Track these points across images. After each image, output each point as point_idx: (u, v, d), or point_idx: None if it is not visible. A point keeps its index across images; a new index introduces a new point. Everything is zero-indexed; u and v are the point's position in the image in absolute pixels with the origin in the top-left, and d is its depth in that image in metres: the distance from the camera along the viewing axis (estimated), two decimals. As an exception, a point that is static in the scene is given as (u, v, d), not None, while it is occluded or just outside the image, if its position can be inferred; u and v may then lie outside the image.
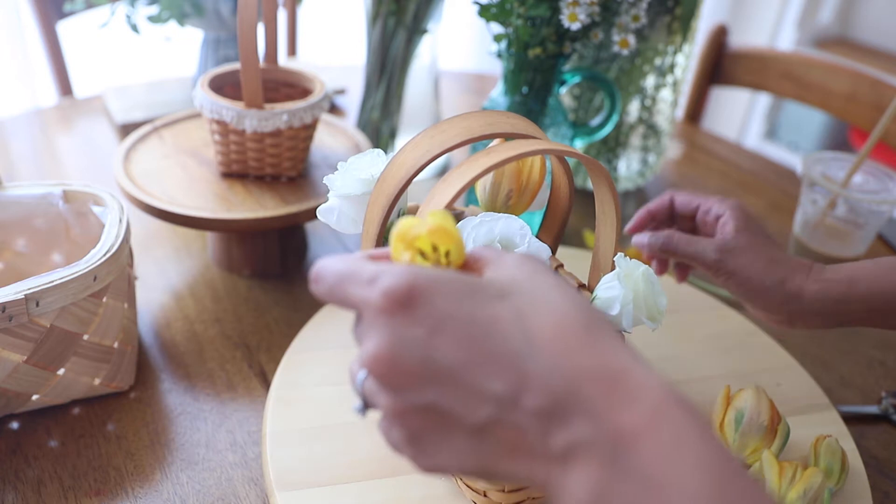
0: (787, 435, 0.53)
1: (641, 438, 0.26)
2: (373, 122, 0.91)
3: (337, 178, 0.53)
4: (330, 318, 0.65)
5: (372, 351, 0.29)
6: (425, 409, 0.29)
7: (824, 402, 0.60)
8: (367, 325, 0.30)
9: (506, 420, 0.28)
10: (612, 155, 0.93)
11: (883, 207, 0.78)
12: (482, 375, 0.28)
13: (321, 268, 0.32)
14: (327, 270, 0.32)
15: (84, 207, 0.62)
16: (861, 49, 2.17)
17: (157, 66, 1.51)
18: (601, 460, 0.27)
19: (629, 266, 0.47)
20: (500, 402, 0.28)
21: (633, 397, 0.27)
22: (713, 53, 1.22)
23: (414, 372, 0.29)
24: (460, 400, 0.29)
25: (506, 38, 0.73)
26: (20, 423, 0.57)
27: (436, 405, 0.29)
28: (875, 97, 1.08)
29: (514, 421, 0.28)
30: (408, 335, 0.29)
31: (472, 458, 0.30)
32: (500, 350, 0.29)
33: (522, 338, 0.29)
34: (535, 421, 0.28)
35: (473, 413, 0.29)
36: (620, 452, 0.27)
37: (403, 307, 0.29)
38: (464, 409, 0.29)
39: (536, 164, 0.55)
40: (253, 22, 0.65)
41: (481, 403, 0.29)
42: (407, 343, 0.29)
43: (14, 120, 1.05)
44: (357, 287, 0.30)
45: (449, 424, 0.29)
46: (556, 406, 0.28)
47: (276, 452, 0.52)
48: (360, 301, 0.30)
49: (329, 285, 0.32)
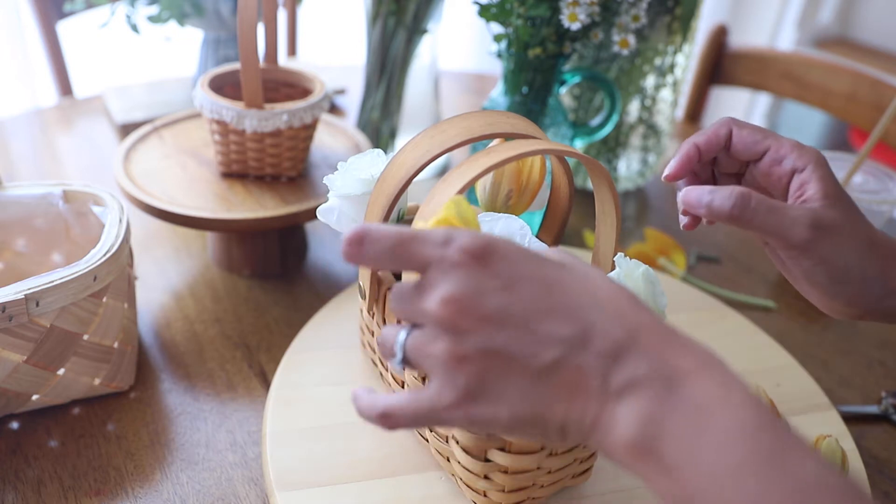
0: None
1: (693, 376, 0.30)
2: (373, 122, 0.91)
3: (337, 178, 0.53)
4: (330, 318, 0.65)
5: (447, 294, 0.31)
6: (494, 353, 0.31)
7: (824, 401, 0.60)
8: (436, 279, 0.32)
9: (571, 362, 0.31)
10: (612, 155, 0.93)
11: (883, 207, 0.78)
12: (553, 322, 0.31)
13: (370, 230, 0.33)
14: (381, 233, 0.33)
15: (84, 207, 0.62)
16: (861, 49, 2.17)
17: (157, 66, 1.51)
18: (655, 392, 0.30)
19: (629, 266, 0.47)
20: (568, 345, 0.31)
21: (684, 347, 0.31)
22: (713, 53, 1.22)
23: (488, 316, 0.31)
24: (530, 344, 0.31)
25: (506, 38, 0.73)
26: (20, 423, 0.57)
27: (505, 348, 0.31)
28: (875, 97, 1.08)
29: (579, 362, 0.31)
30: (484, 284, 0.31)
31: (529, 402, 0.32)
32: (568, 302, 0.32)
33: (586, 295, 0.32)
34: (599, 361, 0.31)
35: (541, 355, 0.31)
36: (674, 386, 0.30)
37: (480, 261, 0.32)
38: (532, 352, 0.31)
39: (536, 164, 0.55)
40: (253, 22, 0.65)
41: (550, 346, 0.31)
42: (483, 290, 0.31)
43: (14, 120, 1.05)
44: (427, 246, 0.32)
45: (515, 367, 0.31)
46: (619, 348, 0.31)
47: (276, 452, 0.52)
48: (431, 258, 0.32)
49: (390, 244, 0.32)
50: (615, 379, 0.31)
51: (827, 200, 0.42)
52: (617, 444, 0.31)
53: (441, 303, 0.32)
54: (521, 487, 0.46)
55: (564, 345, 0.31)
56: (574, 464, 0.48)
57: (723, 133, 0.45)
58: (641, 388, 0.30)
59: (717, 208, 0.41)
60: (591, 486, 0.51)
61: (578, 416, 0.31)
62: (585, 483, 0.51)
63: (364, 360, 0.61)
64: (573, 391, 0.31)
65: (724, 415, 0.29)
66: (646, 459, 0.30)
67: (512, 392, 0.32)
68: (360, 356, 0.61)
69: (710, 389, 0.29)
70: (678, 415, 0.29)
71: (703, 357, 0.31)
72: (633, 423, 0.30)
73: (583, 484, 0.51)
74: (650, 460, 0.30)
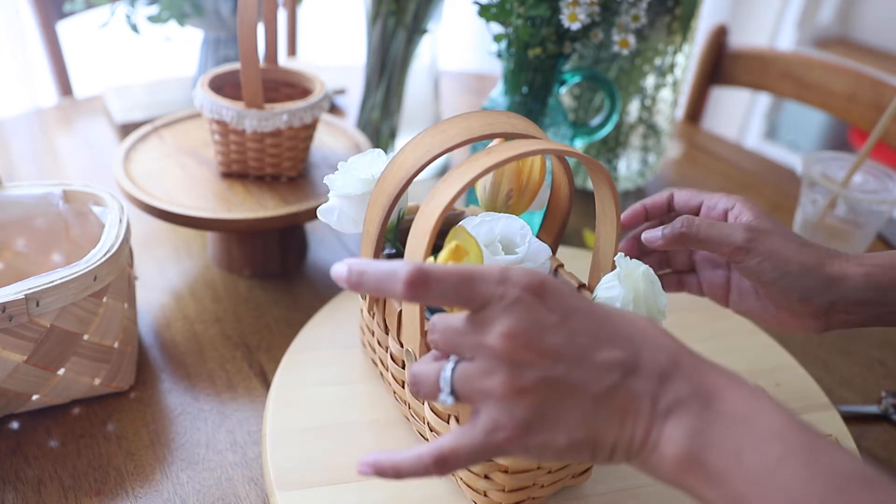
0: None
1: (726, 390, 0.33)
2: (373, 122, 0.91)
3: (337, 177, 0.53)
4: (330, 318, 0.65)
5: (509, 329, 0.34)
6: (554, 382, 0.34)
7: (824, 401, 0.60)
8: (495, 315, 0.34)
9: (625, 387, 0.34)
10: (612, 155, 0.93)
11: (883, 207, 0.78)
12: (607, 350, 0.34)
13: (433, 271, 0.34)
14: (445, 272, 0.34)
15: (84, 207, 0.62)
16: (861, 49, 2.17)
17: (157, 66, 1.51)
18: (697, 409, 0.33)
19: (629, 266, 0.47)
20: (621, 371, 0.34)
21: (713, 368, 0.35)
22: (713, 53, 1.22)
23: (548, 348, 0.34)
24: (588, 372, 0.34)
25: (506, 38, 0.73)
26: (20, 423, 0.57)
27: (565, 378, 0.34)
28: (875, 97, 1.08)
29: (632, 387, 0.34)
30: (543, 319, 0.34)
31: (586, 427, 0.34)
32: (619, 332, 0.35)
33: (631, 326, 0.35)
34: (649, 385, 0.34)
35: (598, 382, 0.34)
36: (711, 401, 0.33)
37: (538, 297, 0.34)
38: (590, 379, 0.34)
39: (537, 164, 0.55)
40: (253, 22, 0.65)
41: (606, 373, 0.34)
42: (543, 324, 0.34)
43: (14, 120, 1.05)
44: (488, 285, 0.34)
45: (575, 394, 0.34)
46: (665, 373, 0.34)
47: (276, 452, 0.52)
48: (492, 295, 0.34)
49: (452, 284, 0.34)
50: (663, 400, 0.34)
51: (758, 219, 0.51)
52: (666, 461, 0.33)
53: (503, 337, 0.34)
54: (522, 487, 0.46)
55: (618, 371, 0.34)
56: (574, 464, 0.48)
57: (665, 195, 0.56)
58: (684, 408, 0.33)
59: (669, 234, 0.51)
60: (591, 486, 0.51)
61: (629, 436, 0.34)
62: (585, 483, 0.51)
63: (364, 360, 0.61)
64: (626, 414, 0.34)
65: (758, 421, 0.32)
66: (694, 471, 0.33)
67: (570, 419, 0.34)
68: (360, 356, 0.61)
69: (741, 401, 0.33)
70: (719, 426, 0.32)
71: (728, 375, 0.34)
72: (681, 438, 0.33)
73: (583, 484, 0.51)
74: (698, 471, 0.32)
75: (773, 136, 2.35)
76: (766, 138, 2.34)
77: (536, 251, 0.50)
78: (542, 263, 0.50)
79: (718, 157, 1.12)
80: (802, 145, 2.28)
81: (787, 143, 2.31)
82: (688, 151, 1.13)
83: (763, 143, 2.32)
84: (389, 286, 0.34)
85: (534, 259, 0.50)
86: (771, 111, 2.31)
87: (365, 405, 0.57)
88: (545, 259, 0.50)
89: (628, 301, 0.46)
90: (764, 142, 2.32)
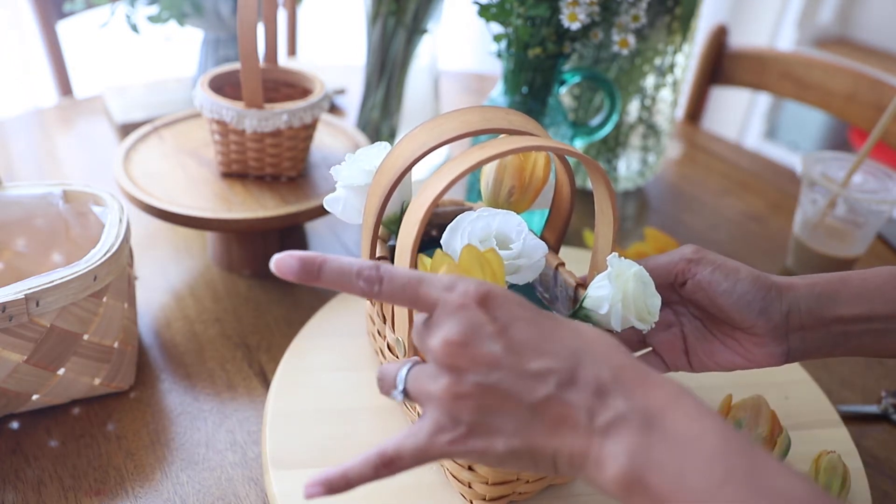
0: (787, 447, 0.52)
1: (668, 410, 0.33)
2: (373, 121, 0.91)
3: (343, 168, 0.54)
4: (330, 318, 0.65)
5: (448, 336, 0.34)
6: (490, 389, 0.34)
7: (833, 418, 0.59)
8: (440, 320, 0.35)
9: (560, 398, 0.34)
10: (612, 155, 0.93)
11: (883, 207, 0.78)
12: (544, 360, 0.34)
13: (388, 270, 0.36)
14: (397, 273, 0.36)
15: (84, 207, 0.62)
16: (861, 49, 2.17)
17: (157, 66, 1.52)
18: (637, 428, 0.32)
19: (621, 266, 0.46)
20: (558, 383, 0.34)
21: (658, 385, 0.34)
22: (713, 53, 1.22)
23: (484, 355, 0.34)
24: (523, 381, 0.34)
25: (506, 38, 0.73)
26: (20, 423, 0.57)
27: (500, 385, 0.34)
28: (875, 97, 1.08)
29: (568, 399, 0.33)
30: (483, 327, 0.35)
31: (522, 435, 0.34)
32: (558, 343, 0.35)
33: (575, 338, 0.35)
34: (586, 398, 0.33)
35: (533, 391, 0.34)
36: (652, 420, 0.32)
37: (482, 306, 0.35)
38: (525, 388, 0.34)
39: (540, 163, 0.55)
40: (253, 22, 0.65)
41: (541, 383, 0.34)
42: (481, 332, 0.34)
43: (14, 120, 1.05)
44: (434, 289, 0.36)
45: (510, 402, 0.34)
46: (603, 388, 0.33)
47: (277, 453, 0.52)
48: (437, 300, 0.36)
49: (401, 284, 0.36)
50: (602, 416, 0.33)
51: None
52: (608, 478, 0.33)
53: (443, 342, 0.35)
54: (505, 481, 0.46)
55: (553, 381, 0.34)
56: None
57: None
58: (624, 425, 0.33)
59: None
60: (579, 484, 0.51)
61: (568, 449, 0.34)
62: (575, 482, 0.51)
63: (368, 350, 0.61)
64: (562, 426, 0.34)
65: (702, 441, 0.32)
66: (637, 491, 0.32)
67: (507, 426, 0.34)
68: (360, 353, 0.61)
69: (685, 421, 0.32)
70: (662, 446, 0.32)
71: (673, 391, 0.34)
72: (622, 456, 0.32)
73: (573, 483, 0.51)
74: (641, 491, 0.32)
75: (772, 136, 2.35)
76: (766, 138, 2.34)
77: (532, 248, 0.50)
78: (537, 260, 0.50)
79: (718, 157, 1.12)
80: (802, 145, 2.28)
81: (786, 143, 2.31)
82: (688, 151, 1.13)
83: (763, 143, 2.32)
84: (347, 280, 0.36)
85: (529, 255, 0.49)
86: (771, 111, 2.31)
87: (365, 392, 0.57)
88: (540, 256, 0.50)
89: (617, 301, 0.46)
90: (764, 142, 2.32)
